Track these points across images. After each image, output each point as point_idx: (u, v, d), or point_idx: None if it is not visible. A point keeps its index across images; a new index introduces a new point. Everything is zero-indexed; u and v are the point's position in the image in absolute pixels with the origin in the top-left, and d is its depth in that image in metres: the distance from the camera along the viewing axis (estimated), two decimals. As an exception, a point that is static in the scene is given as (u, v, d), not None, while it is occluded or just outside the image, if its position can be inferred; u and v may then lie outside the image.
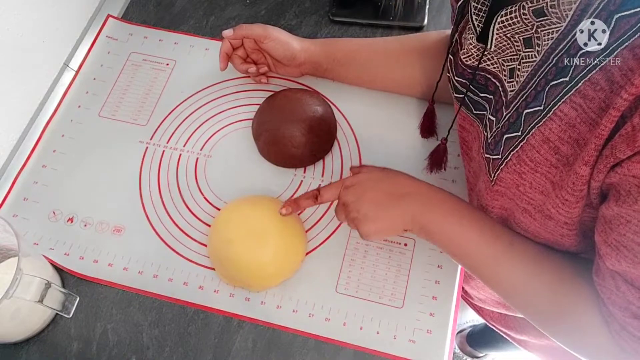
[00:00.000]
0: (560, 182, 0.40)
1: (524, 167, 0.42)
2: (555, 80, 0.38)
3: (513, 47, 0.44)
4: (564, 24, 0.38)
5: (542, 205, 0.43)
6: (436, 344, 0.57)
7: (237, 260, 0.57)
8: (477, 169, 0.54)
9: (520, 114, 0.42)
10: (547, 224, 0.44)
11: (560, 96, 0.38)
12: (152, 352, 0.58)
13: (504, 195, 0.47)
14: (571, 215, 0.41)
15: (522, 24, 0.41)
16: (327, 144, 0.67)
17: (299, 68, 0.68)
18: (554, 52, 0.39)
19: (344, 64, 0.67)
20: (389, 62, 0.67)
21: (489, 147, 0.47)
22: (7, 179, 0.68)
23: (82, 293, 0.60)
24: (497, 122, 0.46)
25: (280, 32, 0.66)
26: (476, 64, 0.49)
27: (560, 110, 0.38)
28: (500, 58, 0.46)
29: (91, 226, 0.64)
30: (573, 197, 0.39)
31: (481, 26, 0.46)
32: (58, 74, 0.75)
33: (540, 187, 0.42)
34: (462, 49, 0.51)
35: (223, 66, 0.68)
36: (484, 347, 1.31)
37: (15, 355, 0.58)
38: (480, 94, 0.50)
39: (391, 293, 0.59)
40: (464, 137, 0.57)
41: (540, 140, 0.40)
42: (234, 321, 0.59)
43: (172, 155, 0.68)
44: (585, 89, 0.36)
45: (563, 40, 0.38)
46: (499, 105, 0.47)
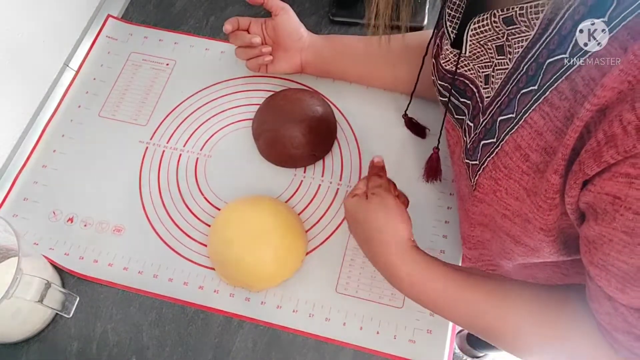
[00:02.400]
0: (533, 188, 0.40)
1: (499, 173, 0.43)
2: (525, 88, 0.39)
3: (487, 54, 0.45)
4: (532, 32, 0.38)
5: (520, 210, 0.43)
6: (436, 344, 0.57)
7: (237, 261, 0.57)
8: (458, 174, 0.55)
9: (495, 120, 0.43)
10: (527, 227, 0.44)
11: (530, 104, 0.38)
12: (152, 352, 0.58)
13: (483, 201, 0.47)
14: (546, 222, 0.41)
15: (494, 31, 0.42)
16: (327, 144, 0.67)
17: (300, 54, 0.68)
18: (524, 60, 0.39)
19: (345, 55, 0.68)
20: (389, 58, 0.67)
21: (468, 153, 0.48)
22: (7, 179, 0.68)
23: (82, 293, 0.60)
24: (475, 127, 0.47)
25: (294, 13, 0.67)
26: (454, 69, 0.49)
27: (531, 118, 0.38)
28: (475, 64, 0.47)
29: (91, 226, 0.64)
30: (546, 205, 0.39)
31: (455, 32, 0.47)
32: (58, 74, 0.75)
33: (515, 193, 0.42)
34: (441, 54, 0.51)
35: (229, 28, 0.64)
36: (484, 347, 1.31)
37: (15, 355, 0.58)
38: (461, 98, 0.51)
39: (391, 293, 0.59)
40: (448, 140, 0.58)
41: (513, 148, 0.40)
42: (234, 321, 0.59)
43: (172, 155, 0.68)
44: (553, 97, 0.36)
45: (532, 48, 0.38)
46: (475, 111, 0.47)
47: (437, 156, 0.61)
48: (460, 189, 0.55)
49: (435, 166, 0.62)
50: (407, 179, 0.65)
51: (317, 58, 0.69)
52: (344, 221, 0.63)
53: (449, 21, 0.47)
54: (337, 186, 0.66)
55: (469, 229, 0.55)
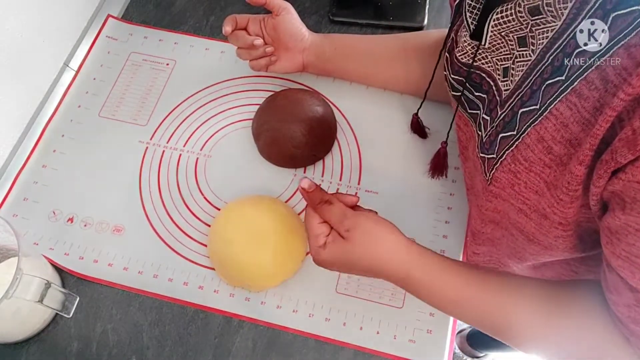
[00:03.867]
0: (554, 181, 0.40)
1: (519, 166, 0.42)
2: (551, 79, 0.38)
3: (507, 46, 0.44)
4: (559, 22, 0.38)
5: (537, 205, 0.43)
6: (436, 344, 0.57)
7: (237, 261, 0.57)
8: (472, 169, 0.54)
9: (516, 113, 0.42)
10: (543, 223, 0.43)
11: (556, 95, 0.38)
12: (152, 352, 0.58)
13: (499, 196, 0.47)
14: (566, 216, 0.41)
15: (517, 22, 0.41)
16: (327, 144, 0.67)
17: (302, 54, 0.68)
18: (550, 51, 0.39)
19: (346, 54, 0.68)
20: (390, 58, 0.67)
21: (484, 147, 0.47)
22: (7, 179, 0.68)
23: (82, 293, 0.60)
24: (492, 121, 0.46)
25: (295, 12, 0.66)
26: (470, 62, 0.49)
27: (556, 109, 0.38)
28: (494, 57, 0.46)
29: (91, 226, 0.64)
30: (567, 197, 0.39)
31: (475, 23, 0.46)
32: (58, 74, 0.75)
33: (534, 186, 0.42)
34: (457, 47, 0.51)
35: (228, 29, 0.63)
36: (484, 347, 1.31)
37: (15, 355, 0.58)
38: (475, 92, 0.51)
39: (391, 293, 0.59)
40: (460, 136, 0.57)
41: (535, 140, 0.40)
42: (234, 321, 0.59)
43: (172, 155, 0.68)
44: (581, 88, 0.36)
45: (558, 39, 0.38)
46: (492, 105, 0.47)
47: (445, 151, 0.61)
48: (474, 185, 0.54)
49: (442, 162, 0.62)
50: (408, 179, 0.65)
51: (318, 57, 0.68)
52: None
53: (469, 12, 0.46)
54: (337, 186, 0.66)
55: (480, 225, 0.55)
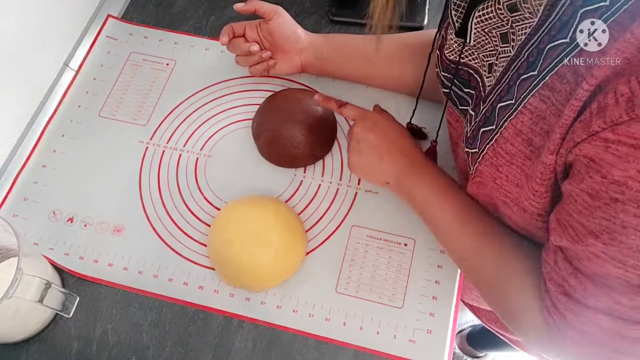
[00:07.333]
0: (531, 173, 0.41)
1: (500, 159, 0.43)
2: (525, 74, 0.40)
3: (491, 43, 0.45)
4: (535, 19, 0.39)
5: (518, 198, 0.44)
6: (436, 344, 0.57)
7: (237, 261, 0.57)
8: (462, 165, 0.55)
9: (495, 107, 0.43)
10: (524, 216, 0.44)
11: (529, 89, 0.39)
12: (152, 352, 0.58)
13: (483, 189, 0.48)
14: (543, 206, 0.41)
15: (498, 19, 0.42)
16: (327, 144, 0.67)
17: (299, 55, 0.68)
18: (526, 46, 0.40)
19: (344, 54, 0.68)
20: (388, 57, 0.67)
21: (468, 141, 0.48)
22: (7, 179, 0.68)
23: (82, 293, 0.60)
24: (475, 116, 0.47)
25: (287, 14, 0.66)
26: (457, 59, 0.50)
27: (530, 103, 0.39)
28: (480, 53, 0.47)
29: (91, 226, 0.64)
30: (543, 187, 0.40)
31: (460, 21, 0.48)
32: (58, 74, 0.75)
33: (515, 179, 0.43)
34: (445, 44, 0.52)
35: (225, 40, 0.65)
36: (484, 347, 1.31)
37: (15, 355, 0.58)
38: (464, 89, 0.51)
39: (391, 293, 0.59)
40: (451, 133, 0.58)
41: (513, 133, 0.41)
42: (234, 321, 0.59)
43: (172, 155, 0.68)
44: (553, 82, 0.37)
45: (534, 35, 0.39)
46: (478, 100, 0.48)
47: (434, 149, 0.61)
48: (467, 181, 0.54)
49: (432, 160, 0.62)
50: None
51: (317, 58, 0.68)
52: (344, 221, 0.63)
53: (454, 10, 0.48)
54: (337, 186, 0.66)
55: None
